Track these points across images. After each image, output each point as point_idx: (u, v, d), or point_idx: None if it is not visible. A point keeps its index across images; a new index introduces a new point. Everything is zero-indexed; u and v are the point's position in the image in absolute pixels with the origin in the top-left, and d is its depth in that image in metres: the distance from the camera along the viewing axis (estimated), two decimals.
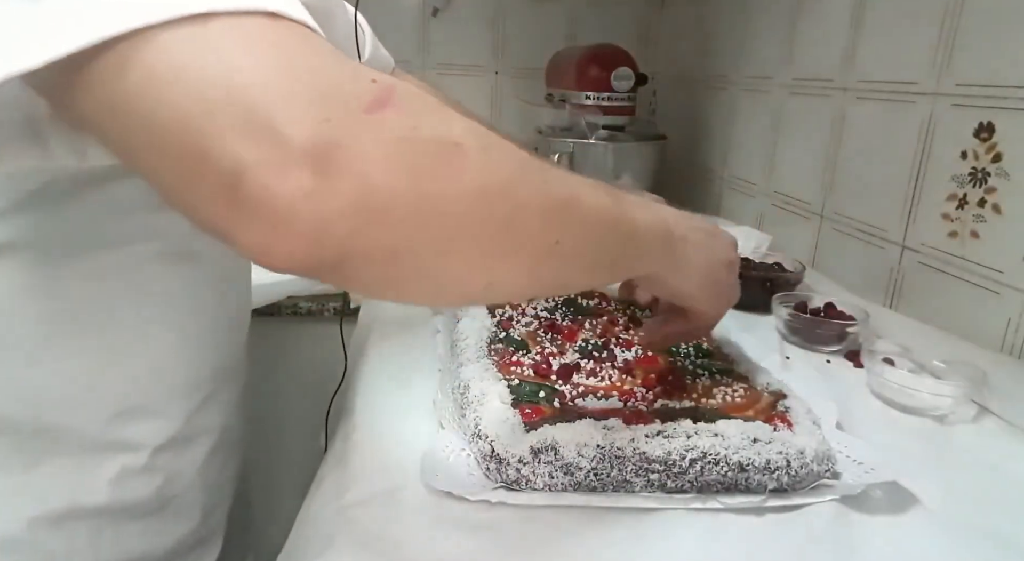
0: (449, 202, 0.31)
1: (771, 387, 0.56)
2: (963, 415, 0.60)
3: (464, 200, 0.31)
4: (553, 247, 0.36)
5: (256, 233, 0.28)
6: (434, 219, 0.31)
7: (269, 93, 0.28)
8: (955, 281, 0.76)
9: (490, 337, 0.63)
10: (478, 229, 0.32)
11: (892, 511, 0.47)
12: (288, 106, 0.27)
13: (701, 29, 1.46)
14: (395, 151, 0.29)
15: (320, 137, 0.27)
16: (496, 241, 0.34)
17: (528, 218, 0.35)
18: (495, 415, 0.48)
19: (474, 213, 0.32)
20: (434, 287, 0.34)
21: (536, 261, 0.36)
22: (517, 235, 0.34)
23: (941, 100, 0.78)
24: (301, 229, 0.28)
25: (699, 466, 0.46)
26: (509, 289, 0.38)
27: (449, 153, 0.31)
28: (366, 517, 0.44)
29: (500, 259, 0.34)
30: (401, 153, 0.29)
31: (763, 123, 1.18)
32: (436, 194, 0.30)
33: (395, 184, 0.29)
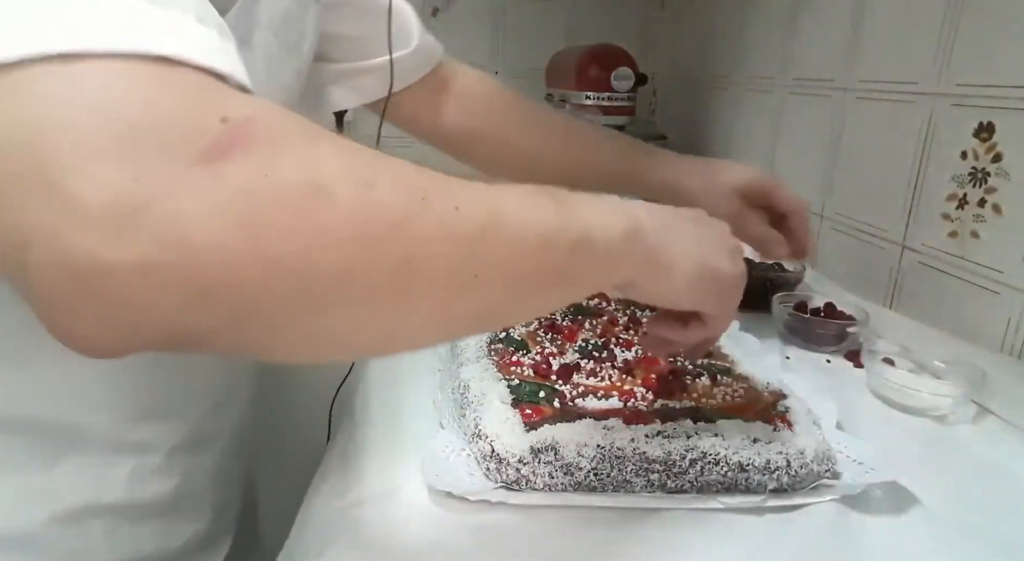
0: (313, 257, 0.26)
1: (771, 387, 0.56)
2: (963, 415, 0.60)
3: (334, 251, 0.27)
4: (470, 281, 0.32)
5: (52, 315, 0.25)
6: (293, 279, 0.26)
7: (67, 151, 0.23)
8: (955, 281, 0.76)
9: (490, 337, 0.63)
10: (359, 280, 0.28)
11: (892, 511, 0.47)
12: (87, 164, 0.23)
13: (701, 29, 1.46)
14: (229, 207, 0.24)
15: (122, 198, 0.23)
16: (388, 289, 0.29)
17: (429, 257, 0.30)
18: (495, 415, 0.48)
19: (351, 264, 0.27)
20: (312, 347, 0.30)
21: (448, 300, 0.32)
22: (416, 278, 0.30)
23: (941, 100, 0.78)
24: (100, 312, 0.24)
25: (699, 466, 0.46)
26: (419, 336, 0.34)
27: (310, 200, 0.26)
28: (366, 517, 0.44)
29: (397, 307, 0.30)
30: (237, 209, 0.25)
31: (763, 123, 1.18)
32: (292, 251, 0.26)
33: (228, 247, 0.24)
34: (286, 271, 0.26)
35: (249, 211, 0.25)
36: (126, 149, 0.24)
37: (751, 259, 0.92)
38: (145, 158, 0.24)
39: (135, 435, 0.49)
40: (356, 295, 0.28)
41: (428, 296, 0.31)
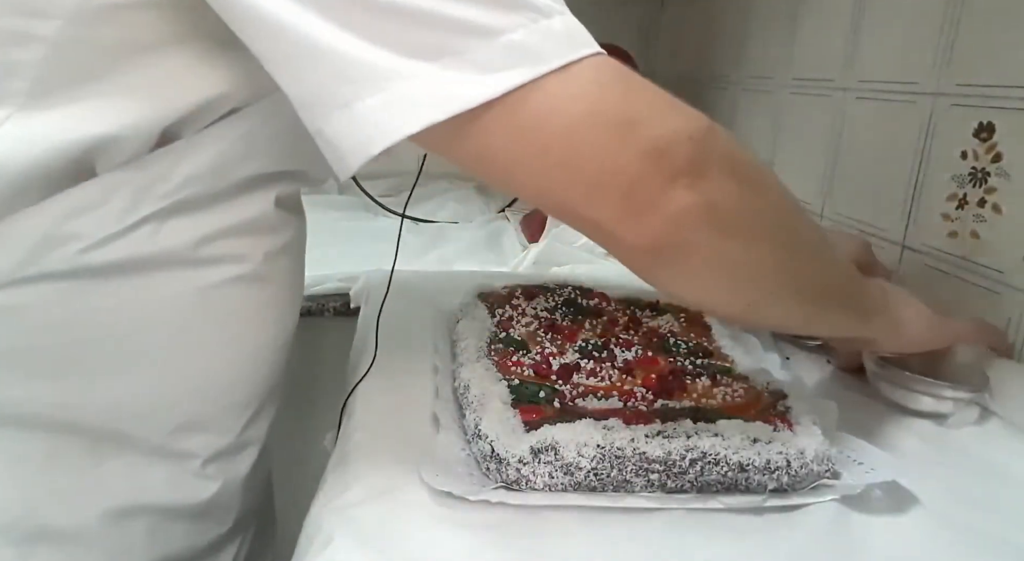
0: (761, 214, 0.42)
1: (771, 387, 0.56)
2: (966, 417, 0.60)
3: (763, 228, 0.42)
4: (821, 292, 0.48)
5: (642, 231, 0.38)
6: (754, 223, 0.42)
7: (656, 124, 0.38)
8: (955, 281, 0.76)
9: (490, 337, 0.63)
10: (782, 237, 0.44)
11: (892, 511, 0.47)
12: (671, 133, 0.38)
13: (701, 29, 1.46)
14: (734, 165, 0.40)
15: (696, 155, 0.38)
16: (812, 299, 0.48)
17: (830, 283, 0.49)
18: (495, 415, 0.48)
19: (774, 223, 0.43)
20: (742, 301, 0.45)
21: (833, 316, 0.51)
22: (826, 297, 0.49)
23: (941, 100, 0.78)
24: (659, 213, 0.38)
25: (699, 466, 0.46)
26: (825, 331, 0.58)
27: (760, 171, 0.43)
28: (366, 517, 0.44)
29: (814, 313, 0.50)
30: (732, 169, 0.40)
31: (763, 123, 1.18)
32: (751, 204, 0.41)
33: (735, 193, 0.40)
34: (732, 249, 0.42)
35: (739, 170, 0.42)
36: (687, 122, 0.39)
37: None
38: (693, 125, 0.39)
39: (175, 444, 0.51)
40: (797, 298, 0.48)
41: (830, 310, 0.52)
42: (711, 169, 0.38)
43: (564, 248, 1.05)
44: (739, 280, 0.44)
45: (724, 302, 0.46)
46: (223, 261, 0.48)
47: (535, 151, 0.37)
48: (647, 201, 0.38)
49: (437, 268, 1.02)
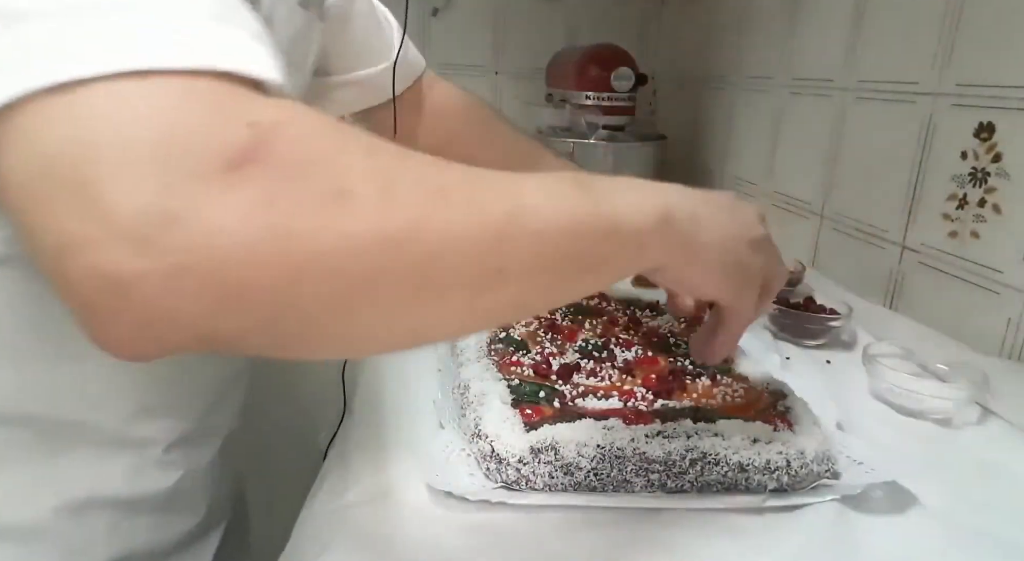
0: (337, 260, 0.27)
1: (771, 387, 0.56)
2: (966, 417, 0.60)
3: (358, 254, 0.27)
4: (495, 276, 0.32)
5: (88, 321, 0.26)
6: (319, 282, 0.27)
7: (103, 161, 0.24)
8: (955, 281, 0.76)
9: (490, 337, 0.63)
10: (384, 281, 0.29)
11: (892, 511, 0.47)
12: (121, 174, 0.24)
13: (701, 29, 1.46)
14: (254, 213, 0.25)
15: (154, 208, 0.24)
16: (413, 288, 0.30)
17: (453, 253, 0.30)
18: (495, 415, 0.48)
19: (374, 266, 0.28)
20: (341, 345, 0.32)
21: (474, 295, 0.32)
22: (441, 275, 0.30)
23: (941, 100, 0.78)
24: (134, 318, 0.25)
25: (699, 466, 0.46)
26: (445, 331, 0.34)
27: (331, 205, 0.27)
28: (366, 517, 0.44)
29: (423, 304, 0.31)
30: (263, 215, 0.25)
31: (763, 123, 1.18)
32: (317, 255, 0.26)
33: (256, 252, 0.25)
34: (312, 275, 0.27)
35: (274, 217, 0.26)
36: (158, 161, 0.25)
37: None
38: (176, 168, 0.25)
39: (134, 432, 0.50)
40: (381, 295, 0.29)
41: (455, 292, 0.31)
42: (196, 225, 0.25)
43: None
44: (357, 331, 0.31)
45: None
46: None
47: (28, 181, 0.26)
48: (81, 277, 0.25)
49: None
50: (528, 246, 0.33)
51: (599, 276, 0.39)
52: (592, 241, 0.36)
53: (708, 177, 1.40)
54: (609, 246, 0.37)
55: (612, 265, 0.39)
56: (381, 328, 0.31)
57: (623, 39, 1.31)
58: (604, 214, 0.37)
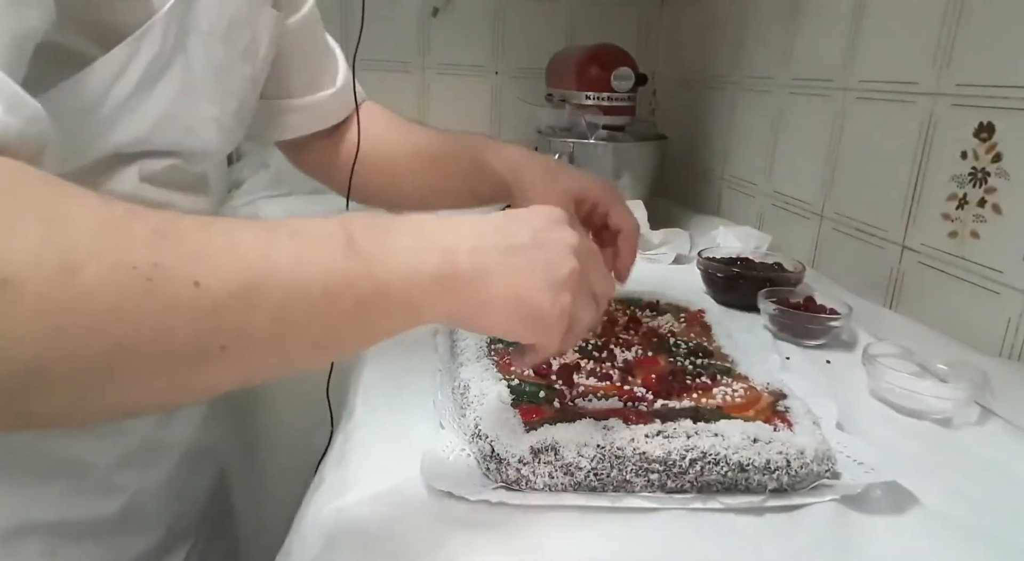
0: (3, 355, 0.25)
1: (771, 387, 0.56)
2: (966, 417, 0.60)
3: (24, 347, 0.25)
4: (216, 352, 0.29)
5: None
6: None
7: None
8: (955, 281, 0.76)
9: (490, 337, 0.63)
10: (60, 370, 0.26)
11: (892, 511, 0.47)
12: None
13: (701, 29, 1.46)
14: None
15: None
16: (101, 373, 0.27)
17: (155, 338, 0.28)
18: (495, 415, 0.48)
19: (46, 358, 0.25)
20: (42, 422, 0.29)
21: (191, 373, 0.30)
22: (138, 359, 0.28)
23: (941, 100, 0.78)
24: None
25: (699, 466, 0.46)
26: (150, 406, 0.31)
27: None
28: (366, 517, 0.44)
29: (118, 387, 0.28)
30: None
31: (763, 123, 1.18)
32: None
33: None
34: None
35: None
36: None
37: (751, 259, 0.92)
38: None
39: (66, 453, 0.48)
40: (61, 382, 0.27)
41: (159, 372, 0.29)
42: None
43: None
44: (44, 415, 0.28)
45: None
46: None
47: None
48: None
49: None
50: (259, 319, 0.30)
51: (361, 338, 0.37)
52: (349, 307, 0.33)
53: (708, 177, 1.40)
54: (375, 311, 0.35)
55: (379, 328, 0.36)
56: (75, 407, 0.28)
57: (623, 39, 1.31)
58: (370, 279, 0.34)
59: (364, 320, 0.35)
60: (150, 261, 0.27)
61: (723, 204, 1.35)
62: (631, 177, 1.22)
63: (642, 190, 1.21)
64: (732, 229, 1.09)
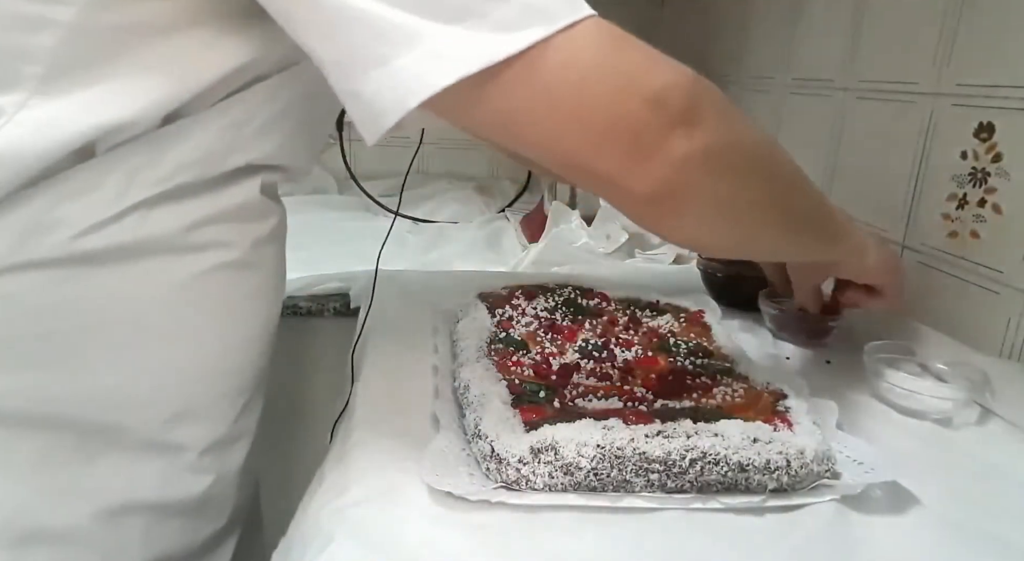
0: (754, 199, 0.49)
1: (771, 387, 0.56)
2: (966, 418, 0.60)
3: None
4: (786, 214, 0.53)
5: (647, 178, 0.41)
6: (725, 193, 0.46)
7: (652, 76, 0.42)
8: (955, 281, 0.76)
9: (490, 337, 0.63)
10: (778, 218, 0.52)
11: (892, 511, 0.47)
12: (666, 84, 0.42)
13: (701, 29, 1.46)
14: (721, 110, 0.45)
15: (689, 104, 0.42)
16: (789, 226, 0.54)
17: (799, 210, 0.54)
18: (495, 415, 0.48)
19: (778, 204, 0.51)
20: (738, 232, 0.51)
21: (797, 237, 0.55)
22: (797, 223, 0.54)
23: (941, 100, 0.78)
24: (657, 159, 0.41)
25: (699, 466, 0.46)
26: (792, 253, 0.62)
27: (741, 114, 0.47)
28: (366, 517, 0.44)
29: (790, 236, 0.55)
30: (720, 115, 0.44)
31: (763, 123, 1.18)
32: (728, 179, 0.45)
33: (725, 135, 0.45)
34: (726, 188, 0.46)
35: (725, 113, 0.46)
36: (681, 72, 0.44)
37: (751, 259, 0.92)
38: (689, 79, 0.44)
39: (168, 436, 0.50)
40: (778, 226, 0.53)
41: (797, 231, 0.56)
42: (703, 116, 0.42)
43: (564, 248, 1.05)
44: (735, 216, 0.48)
45: (721, 239, 0.50)
46: (212, 248, 0.48)
47: (550, 105, 0.40)
48: (651, 148, 0.41)
49: (437, 268, 1.02)
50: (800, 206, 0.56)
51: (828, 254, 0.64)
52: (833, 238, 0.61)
53: None
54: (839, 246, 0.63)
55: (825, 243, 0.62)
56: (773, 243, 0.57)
57: None
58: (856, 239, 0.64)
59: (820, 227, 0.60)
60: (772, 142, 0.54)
61: None
62: None
63: None
64: None
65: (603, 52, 0.41)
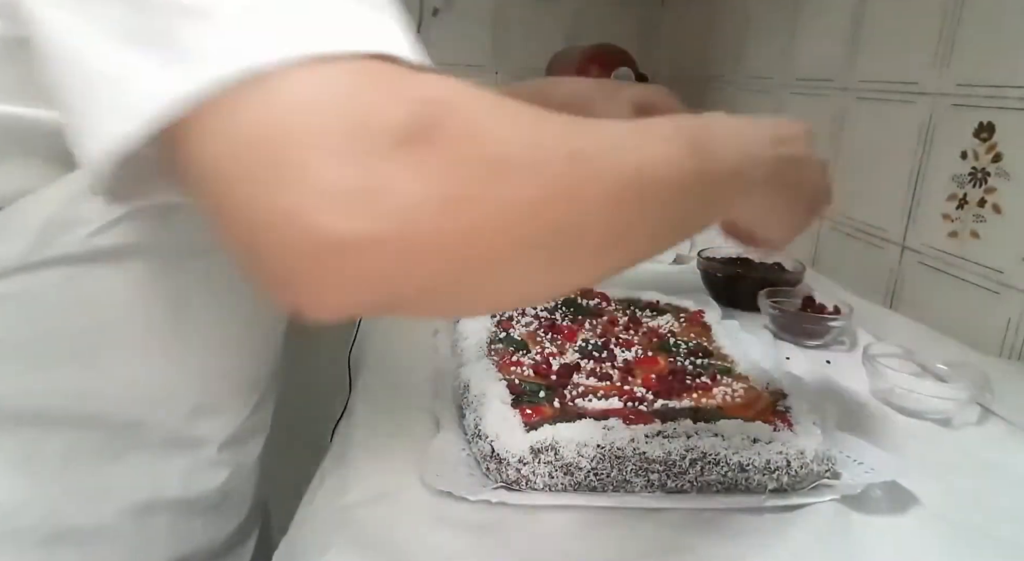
0: (500, 222, 0.30)
1: (771, 387, 0.56)
2: (966, 417, 0.60)
3: (516, 218, 0.30)
4: (624, 232, 0.36)
5: (291, 285, 0.28)
6: (490, 244, 0.30)
7: (303, 141, 0.27)
8: (955, 281, 0.76)
9: (490, 337, 0.63)
10: (539, 241, 0.32)
11: (892, 511, 0.47)
12: (323, 151, 0.27)
13: (701, 29, 1.46)
14: (437, 183, 0.28)
15: (356, 183, 0.27)
16: (559, 247, 0.33)
17: (593, 216, 0.33)
18: (495, 415, 0.48)
19: (530, 227, 0.31)
20: (489, 300, 0.35)
21: (605, 250, 0.36)
22: (583, 235, 0.33)
23: (941, 100, 0.78)
24: (337, 280, 0.28)
25: (699, 466, 0.46)
26: (577, 284, 0.38)
27: (496, 173, 0.30)
28: (366, 517, 0.44)
29: (565, 263, 0.34)
30: (444, 184, 0.28)
31: None
32: (490, 220, 0.30)
33: (439, 218, 0.28)
34: (478, 237, 0.30)
35: (453, 186, 0.28)
36: (352, 139, 0.27)
37: (751, 259, 0.92)
38: (369, 145, 0.27)
39: (190, 431, 0.51)
40: (533, 256, 0.32)
41: (586, 251, 0.35)
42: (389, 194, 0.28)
43: None
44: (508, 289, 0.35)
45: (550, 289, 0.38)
46: None
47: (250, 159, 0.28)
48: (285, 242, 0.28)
49: None
50: (650, 209, 0.36)
51: (691, 230, 0.43)
52: (698, 199, 0.40)
53: None
54: (706, 203, 0.42)
55: (701, 220, 0.43)
56: (525, 283, 0.34)
57: (623, 39, 1.31)
58: (710, 172, 0.40)
59: (705, 209, 0.42)
60: (585, 153, 0.33)
61: None
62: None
63: None
64: None
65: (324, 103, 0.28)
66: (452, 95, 0.30)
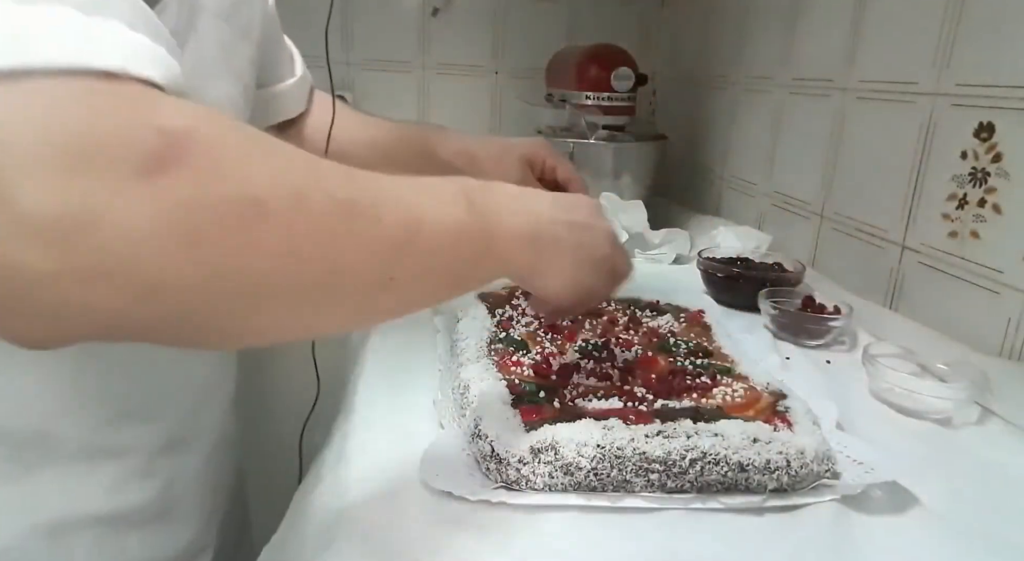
0: (245, 268, 0.28)
1: (771, 387, 0.56)
2: (966, 417, 0.60)
3: (266, 262, 0.28)
4: (387, 284, 0.34)
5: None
6: (227, 286, 0.28)
7: (12, 167, 0.24)
8: (955, 281, 0.76)
9: (490, 337, 0.63)
10: (288, 289, 0.30)
11: (892, 511, 0.47)
12: (30, 175, 0.24)
13: (701, 29, 1.46)
14: (168, 220, 0.25)
15: (65, 211, 0.24)
16: (314, 294, 0.31)
17: (353, 268, 0.32)
18: (495, 415, 0.48)
19: (281, 276, 0.29)
20: (238, 339, 0.33)
21: (365, 301, 0.34)
22: (339, 286, 0.32)
23: (941, 100, 0.78)
24: (38, 313, 0.25)
25: (699, 466, 0.46)
26: (333, 329, 0.36)
27: (244, 214, 0.27)
28: (366, 517, 0.44)
29: (318, 309, 0.32)
30: (177, 221, 0.25)
31: (763, 123, 1.18)
32: (227, 261, 0.27)
33: (168, 257, 0.25)
34: (221, 279, 0.27)
35: (187, 224, 0.26)
36: (68, 163, 0.24)
37: (751, 259, 0.92)
38: (86, 172, 0.24)
39: (111, 440, 0.48)
40: (284, 300, 0.30)
41: (344, 299, 0.33)
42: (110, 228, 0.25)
43: None
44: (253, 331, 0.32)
45: None
46: None
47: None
48: None
49: None
50: (422, 257, 0.36)
51: (469, 284, 0.42)
52: (473, 256, 0.40)
53: (708, 177, 1.40)
54: (483, 261, 0.41)
55: (479, 276, 0.42)
56: (278, 326, 0.32)
57: (623, 39, 1.31)
58: (487, 231, 0.40)
59: (476, 268, 0.41)
60: (351, 196, 0.32)
61: (723, 204, 1.35)
62: (631, 177, 1.22)
63: (642, 190, 1.21)
64: (732, 229, 1.09)
65: None
66: (198, 124, 0.28)
